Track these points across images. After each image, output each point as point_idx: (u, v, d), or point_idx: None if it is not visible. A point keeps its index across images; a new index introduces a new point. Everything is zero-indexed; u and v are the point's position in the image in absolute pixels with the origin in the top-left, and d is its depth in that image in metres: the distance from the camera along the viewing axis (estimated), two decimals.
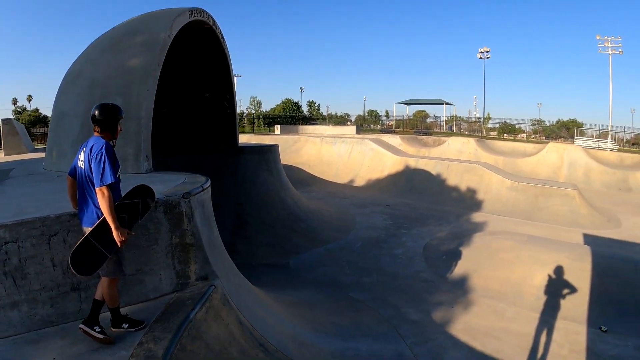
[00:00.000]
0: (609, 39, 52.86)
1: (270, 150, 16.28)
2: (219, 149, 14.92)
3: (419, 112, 70.80)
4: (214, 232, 6.57)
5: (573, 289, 9.38)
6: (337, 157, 27.60)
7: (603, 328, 8.29)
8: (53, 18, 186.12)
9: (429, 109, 72.47)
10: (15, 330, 4.66)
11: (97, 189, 4.34)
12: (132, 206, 4.63)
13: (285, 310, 7.81)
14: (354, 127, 42.55)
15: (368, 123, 66.02)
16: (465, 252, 11.84)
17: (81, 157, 4.57)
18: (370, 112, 77.86)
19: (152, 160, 8.81)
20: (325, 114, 79.68)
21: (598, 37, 53.49)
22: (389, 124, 64.63)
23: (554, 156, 30.07)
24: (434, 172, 21.61)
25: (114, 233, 4.31)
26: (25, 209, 5.34)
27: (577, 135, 43.79)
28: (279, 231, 13.49)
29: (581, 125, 53.27)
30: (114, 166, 4.46)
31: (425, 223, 15.72)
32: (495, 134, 52.46)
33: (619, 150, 36.27)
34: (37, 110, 65.32)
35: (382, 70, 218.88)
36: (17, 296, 4.73)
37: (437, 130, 54.55)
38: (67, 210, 4.98)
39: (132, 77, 9.30)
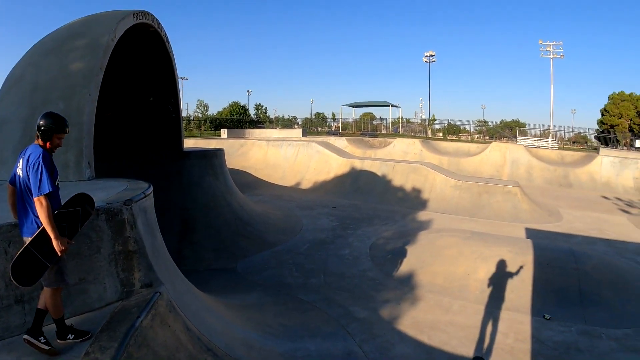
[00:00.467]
0: (551, 43, 55.68)
1: (216, 155, 16.14)
2: (164, 153, 14.65)
3: (366, 114, 71.87)
4: (158, 239, 6.52)
5: (516, 281, 9.79)
6: (284, 160, 27.65)
7: (546, 316, 8.71)
8: None
9: (376, 111, 73.57)
10: None
11: (35, 199, 4.29)
12: (71, 215, 4.56)
13: (233, 314, 7.81)
14: (301, 130, 42.96)
15: (315, 125, 66.35)
16: (411, 249, 12.10)
17: (20, 165, 4.52)
18: (318, 114, 78.05)
19: (94, 166, 8.59)
20: (272, 117, 79.44)
21: (540, 42, 55.89)
22: (336, 126, 65.24)
23: (497, 155, 31.19)
24: (379, 173, 21.96)
25: (54, 243, 4.26)
26: None
27: (519, 135, 45.65)
28: (226, 235, 13.40)
29: (524, 125, 55.61)
30: (52, 175, 4.43)
31: (371, 223, 15.98)
32: (440, 134, 53.70)
33: (560, 148, 38.25)
34: None
35: (328, 73, 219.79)
36: None
37: (383, 132, 55.30)
38: (8, 220, 4.88)
39: (74, 82, 9.07)
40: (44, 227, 4.28)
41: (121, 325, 4.59)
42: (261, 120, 70.12)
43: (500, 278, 9.96)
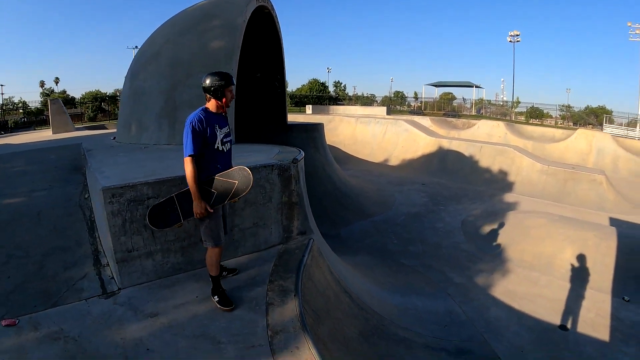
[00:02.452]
0: None
1: (317, 129, 17.27)
2: (270, 127, 15.92)
3: (446, 94, 70.77)
4: (307, 196, 7.66)
5: (599, 264, 10.42)
6: (372, 137, 28.47)
7: (626, 298, 9.36)
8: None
9: (456, 92, 72.40)
10: (148, 278, 5.36)
11: (184, 158, 4.57)
12: (224, 186, 4.80)
13: (352, 269, 9.01)
14: (384, 108, 42.93)
15: (394, 104, 66.40)
16: (501, 227, 12.90)
17: None
18: (397, 93, 77.78)
19: None
20: (351, 94, 79.80)
21: (629, 24, 52.88)
22: (416, 105, 64.90)
23: (583, 143, 30.35)
24: (466, 154, 22.45)
25: (194, 203, 4.61)
26: (147, 172, 6.04)
27: (605, 123, 43.82)
28: (327, 204, 14.40)
29: (610, 112, 52.83)
30: (201, 138, 4.62)
31: (460, 201, 16.76)
32: (522, 118, 52.62)
33: None
34: (64, 92, 65.77)
35: (409, 52, 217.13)
36: (153, 247, 5.40)
37: (464, 113, 54.77)
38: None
39: (216, 58, 10.14)
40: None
41: (291, 262, 5.84)
42: (340, 98, 70.60)
43: (584, 260, 10.64)
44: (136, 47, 75.45)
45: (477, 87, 62.62)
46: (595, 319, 8.53)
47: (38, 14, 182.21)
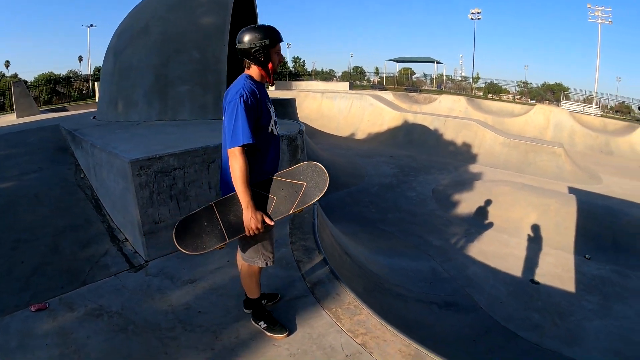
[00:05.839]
0: (600, 8, 54.50)
1: (290, 104, 17.82)
2: None
3: (405, 69, 71.80)
4: None
5: (562, 227, 11.46)
6: (338, 111, 29.05)
7: (587, 256, 10.41)
8: None
9: (417, 67, 73.55)
10: (174, 248, 4.86)
11: (228, 150, 3.29)
12: (288, 189, 3.57)
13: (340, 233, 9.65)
14: (347, 83, 43.48)
15: (354, 79, 67.10)
16: (470, 195, 13.76)
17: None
18: (355, 68, 78.47)
19: None
20: (310, 70, 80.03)
21: (589, 6, 55.01)
22: (375, 80, 65.65)
23: (541, 117, 31.82)
24: (431, 127, 23.23)
25: (245, 215, 3.33)
26: (164, 145, 6.27)
27: (563, 99, 45.69)
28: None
29: (567, 89, 55.19)
30: (255, 118, 3.36)
31: (428, 172, 17.49)
32: (481, 93, 54.10)
33: (602, 116, 38.62)
34: (16, 75, 63.02)
35: (369, 28, 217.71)
36: (178, 216, 5.29)
37: (425, 88, 55.79)
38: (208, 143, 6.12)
39: (207, 34, 10.35)
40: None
41: (304, 225, 6.39)
42: (299, 73, 70.75)
43: (549, 223, 11.65)
44: (91, 25, 73.46)
45: (438, 62, 63.93)
46: (562, 273, 9.48)
47: None
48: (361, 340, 3.97)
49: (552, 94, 53.21)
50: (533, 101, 47.21)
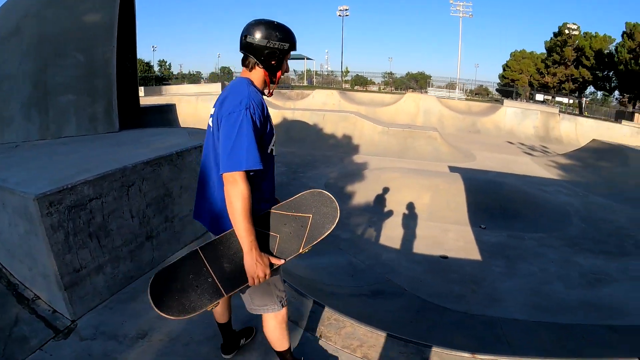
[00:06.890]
0: (461, 3, 59.46)
1: (170, 110, 17.00)
2: (124, 109, 15.07)
3: None
4: None
5: (454, 203, 12.16)
6: None
7: (482, 226, 11.15)
8: None
9: (289, 64, 74.27)
10: (102, 297, 4.45)
11: (223, 175, 2.56)
12: (292, 224, 2.98)
13: None
14: (219, 84, 42.60)
15: (222, 80, 66.31)
16: (363, 185, 14.04)
17: (212, 113, 2.92)
18: (223, 68, 77.62)
19: None
20: (176, 72, 78.12)
21: (451, 1, 59.42)
22: None
23: (411, 105, 33.70)
24: (310, 122, 23.46)
25: (246, 259, 2.59)
26: (70, 172, 4.65)
27: (429, 87, 49.19)
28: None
29: (429, 77, 59.36)
30: (262, 136, 2.74)
31: (315, 167, 17.58)
32: (349, 86, 55.95)
33: (466, 99, 42.91)
34: None
35: (236, 26, 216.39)
36: (101, 258, 4.53)
37: (294, 84, 56.43)
38: (140, 159, 5.11)
39: (94, 33, 9.07)
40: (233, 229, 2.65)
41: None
42: (166, 77, 68.85)
43: (441, 201, 12.32)
44: None
45: (308, 59, 64.95)
46: (465, 245, 10.04)
47: None
48: (361, 354, 3.84)
49: (416, 82, 56.34)
50: (398, 91, 49.68)
